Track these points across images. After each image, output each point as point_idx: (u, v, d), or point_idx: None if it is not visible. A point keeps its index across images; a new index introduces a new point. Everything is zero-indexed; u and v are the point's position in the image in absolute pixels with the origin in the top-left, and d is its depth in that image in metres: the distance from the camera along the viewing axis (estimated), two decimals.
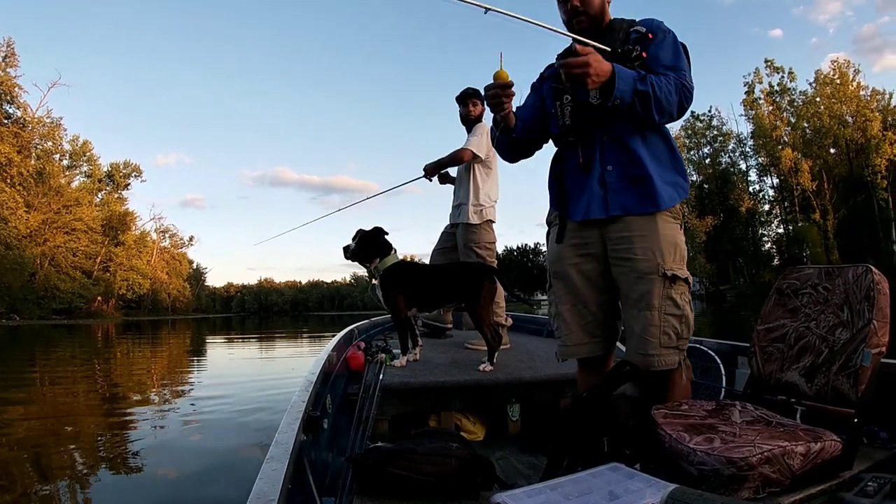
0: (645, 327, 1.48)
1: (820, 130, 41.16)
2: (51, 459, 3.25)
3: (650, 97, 1.38)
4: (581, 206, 1.59)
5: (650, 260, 1.49)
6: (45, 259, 40.41)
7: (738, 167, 48.29)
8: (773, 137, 42.95)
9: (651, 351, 1.47)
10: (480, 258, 3.34)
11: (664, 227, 1.52)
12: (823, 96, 41.06)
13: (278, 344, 13.83)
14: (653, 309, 1.47)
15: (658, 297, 1.47)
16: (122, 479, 2.92)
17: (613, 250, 1.55)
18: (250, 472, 1.06)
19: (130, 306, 52.85)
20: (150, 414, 4.64)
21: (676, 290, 1.49)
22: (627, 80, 1.36)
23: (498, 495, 1.02)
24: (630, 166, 1.53)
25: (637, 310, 1.50)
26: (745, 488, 1.06)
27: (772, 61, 43.99)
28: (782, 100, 43.72)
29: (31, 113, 41.46)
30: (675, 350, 1.49)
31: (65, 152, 47.13)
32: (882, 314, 1.30)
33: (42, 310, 37.68)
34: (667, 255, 1.49)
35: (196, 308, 69.85)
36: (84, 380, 7.33)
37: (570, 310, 1.63)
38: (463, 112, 3.52)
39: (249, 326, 27.58)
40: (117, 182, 53.57)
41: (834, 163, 41.52)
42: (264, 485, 0.95)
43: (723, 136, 48.32)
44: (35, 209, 39.93)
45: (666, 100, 1.40)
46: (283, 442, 1.18)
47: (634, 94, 1.37)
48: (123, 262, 49.99)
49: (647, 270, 1.49)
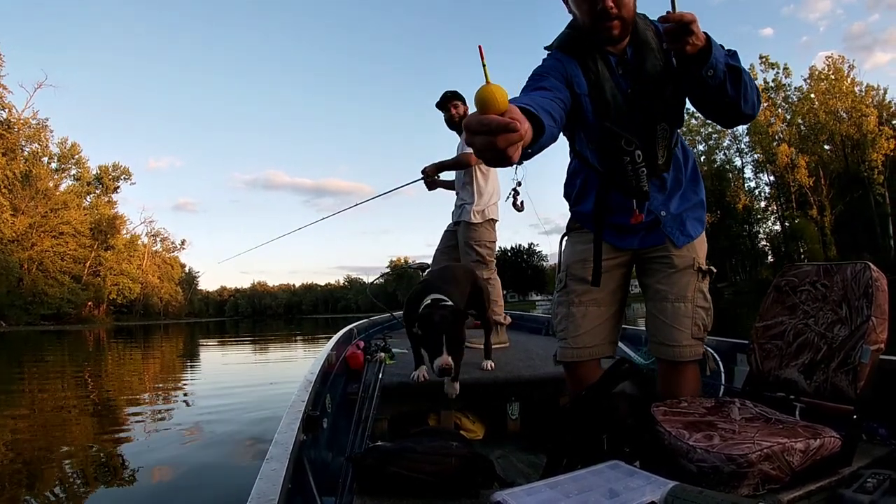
0: (677, 318, 1.51)
1: (815, 126, 41.19)
2: (42, 466, 3.20)
3: (741, 74, 1.21)
4: (629, 240, 1.58)
5: (686, 256, 1.53)
6: (33, 264, 40.01)
7: (734, 164, 48.38)
8: (768, 134, 42.99)
9: (684, 342, 1.50)
10: (480, 256, 3.33)
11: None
12: (818, 92, 41.14)
13: (271, 347, 13.79)
14: (686, 301, 1.51)
15: (692, 290, 1.52)
16: (118, 482, 2.90)
17: (650, 258, 1.59)
18: (250, 472, 1.06)
19: (121, 311, 52.72)
20: (145, 417, 4.63)
21: (705, 283, 1.55)
22: (720, 51, 1.20)
23: (498, 494, 1.02)
24: (680, 205, 1.54)
25: (668, 302, 1.53)
26: (745, 485, 1.06)
27: (766, 57, 44.15)
28: (777, 96, 43.75)
29: (17, 114, 40.91)
30: (701, 342, 1.53)
31: (53, 155, 46.64)
32: (880, 311, 1.31)
33: (30, 315, 37.43)
34: (700, 252, 1.56)
35: (189, 312, 69.80)
36: (75, 385, 7.25)
37: (584, 311, 1.61)
38: (447, 116, 3.47)
39: (242, 330, 27.48)
40: (106, 185, 53.14)
41: (829, 159, 41.52)
42: (264, 484, 0.95)
43: (717, 134, 48.37)
44: (22, 213, 39.49)
45: (752, 86, 1.26)
46: (283, 442, 1.18)
47: (727, 67, 1.20)
48: (113, 266, 49.65)
49: (684, 265, 1.53)
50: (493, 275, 3.41)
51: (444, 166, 3.44)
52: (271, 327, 29.94)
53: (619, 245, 1.60)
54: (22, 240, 39.32)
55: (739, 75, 1.21)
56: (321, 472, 1.49)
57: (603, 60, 1.37)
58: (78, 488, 2.85)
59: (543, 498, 0.99)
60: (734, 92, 1.23)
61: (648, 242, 1.58)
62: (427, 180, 3.50)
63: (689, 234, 1.55)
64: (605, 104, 1.37)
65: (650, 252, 1.58)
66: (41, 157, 44.07)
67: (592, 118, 1.39)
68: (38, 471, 3.17)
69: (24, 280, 38.32)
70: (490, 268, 3.39)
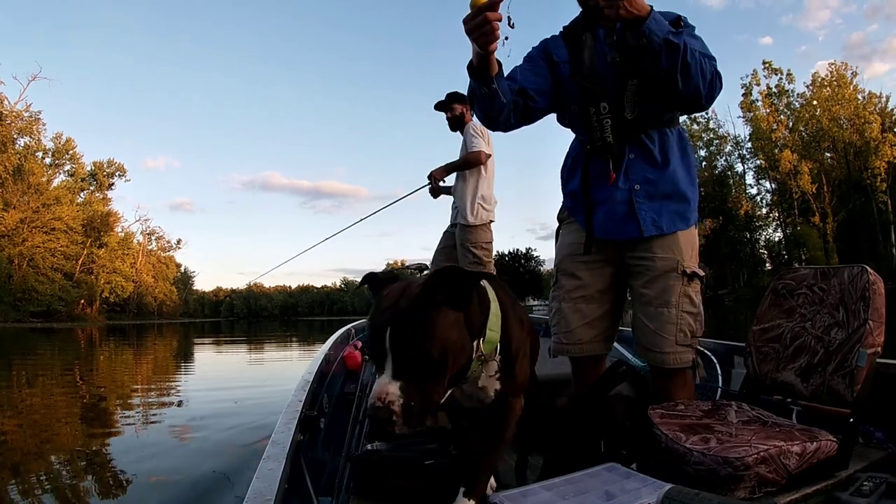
0: (662, 325, 1.47)
1: (818, 133, 41.01)
2: (31, 464, 3.18)
3: (679, 51, 1.25)
4: (609, 226, 1.55)
5: (670, 259, 1.49)
6: (23, 260, 39.11)
7: (735, 170, 48.21)
8: (771, 139, 42.83)
9: (667, 349, 1.46)
10: (477, 258, 3.33)
11: (685, 231, 1.52)
12: (821, 99, 41.02)
13: (266, 347, 13.75)
14: (670, 306, 1.47)
15: (676, 295, 1.47)
16: (110, 482, 2.89)
17: (631, 256, 1.55)
18: (247, 472, 1.06)
19: (114, 310, 51.93)
20: (137, 416, 4.61)
21: (692, 288, 1.49)
22: (662, 24, 1.27)
23: (494, 496, 1.02)
24: (659, 185, 1.50)
25: (653, 307, 1.49)
26: (742, 488, 1.06)
27: (770, 63, 43.97)
28: (779, 102, 43.65)
29: (10, 106, 39.48)
30: (688, 348, 1.48)
31: (46, 150, 45.65)
32: (878, 314, 1.31)
33: (19, 312, 36.61)
34: (686, 254, 1.50)
35: (183, 312, 69.28)
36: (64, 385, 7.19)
37: (573, 307, 1.61)
38: (448, 116, 3.49)
39: (237, 331, 27.33)
40: (101, 181, 52.16)
41: (830, 166, 41.32)
42: (261, 484, 0.95)
43: (719, 139, 48.23)
44: (13, 208, 38.50)
45: (698, 67, 1.29)
46: (280, 442, 1.18)
47: (664, 42, 1.26)
48: (106, 264, 48.69)
49: (667, 269, 1.49)
50: None
51: (452, 168, 3.43)
52: (267, 329, 29.82)
53: (598, 234, 1.57)
54: (12, 235, 38.34)
55: (677, 52, 1.26)
56: (318, 471, 1.49)
57: (590, 32, 1.50)
58: (67, 489, 2.83)
59: (540, 500, 0.99)
60: (668, 64, 1.28)
61: (627, 233, 1.52)
62: (433, 186, 3.50)
63: (660, 227, 1.48)
64: (580, 64, 1.49)
65: (633, 251, 1.54)
66: (35, 151, 43.11)
67: (570, 82, 1.52)
68: (27, 468, 3.14)
69: (14, 276, 37.52)
70: (487, 269, 3.39)
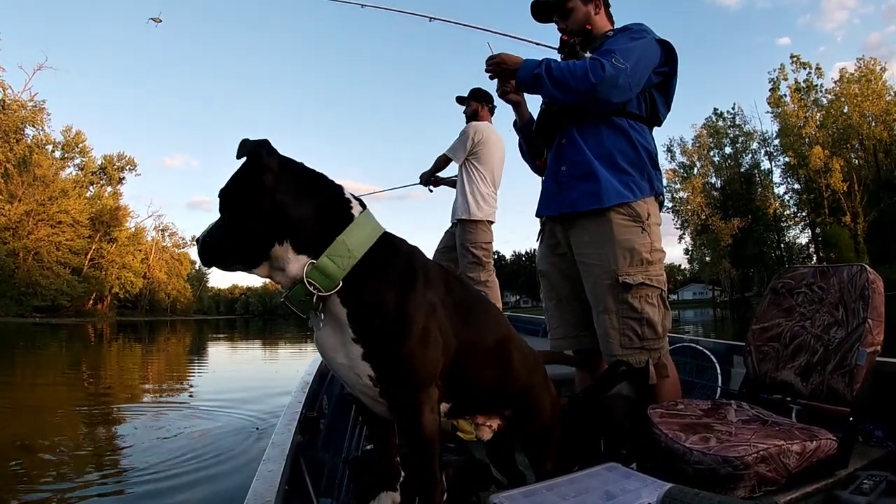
0: (606, 330, 1.52)
1: (847, 130, 39.64)
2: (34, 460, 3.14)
3: (542, 77, 1.50)
4: (542, 204, 1.72)
5: (603, 265, 1.52)
6: (28, 253, 37.81)
7: (762, 168, 46.74)
8: (800, 136, 41.35)
9: (614, 352, 1.51)
10: (476, 258, 3.33)
11: (618, 230, 1.51)
12: (849, 95, 39.77)
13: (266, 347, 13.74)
14: (610, 312, 1.51)
15: (613, 302, 1.50)
16: (112, 481, 2.88)
17: (577, 254, 1.61)
18: (247, 473, 1.05)
19: (126, 306, 51.10)
20: (141, 414, 4.59)
21: (634, 295, 1.49)
22: (528, 67, 1.54)
23: (495, 496, 1.02)
24: (579, 165, 1.58)
25: (597, 312, 1.55)
26: (742, 487, 1.06)
27: (798, 56, 42.80)
28: (808, 98, 42.29)
29: (15, 95, 37.99)
30: (640, 350, 1.50)
31: (56, 143, 44.43)
32: (877, 313, 1.31)
33: (22, 307, 35.52)
34: (621, 261, 1.50)
35: (197, 309, 68.40)
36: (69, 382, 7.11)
37: (555, 306, 1.73)
38: (465, 111, 3.64)
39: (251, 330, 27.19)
40: (111, 175, 50.64)
41: (859, 164, 39.91)
42: (261, 486, 0.95)
43: (745, 136, 46.95)
44: (19, 200, 37.29)
45: (562, 78, 1.48)
46: (280, 443, 1.18)
47: (532, 77, 1.52)
48: (115, 259, 47.41)
49: (601, 275, 1.52)
50: (490, 277, 3.40)
51: (431, 170, 3.73)
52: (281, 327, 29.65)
53: (538, 214, 1.75)
54: (17, 228, 37.19)
55: (540, 79, 1.51)
56: (318, 473, 1.49)
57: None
58: (69, 486, 2.82)
59: (540, 500, 0.99)
60: (542, 90, 1.55)
61: (551, 209, 1.67)
62: (424, 184, 3.78)
63: (566, 202, 1.59)
64: None
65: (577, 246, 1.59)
66: (44, 144, 41.80)
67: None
68: (31, 464, 3.12)
69: (18, 270, 36.33)
70: (487, 269, 3.39)
